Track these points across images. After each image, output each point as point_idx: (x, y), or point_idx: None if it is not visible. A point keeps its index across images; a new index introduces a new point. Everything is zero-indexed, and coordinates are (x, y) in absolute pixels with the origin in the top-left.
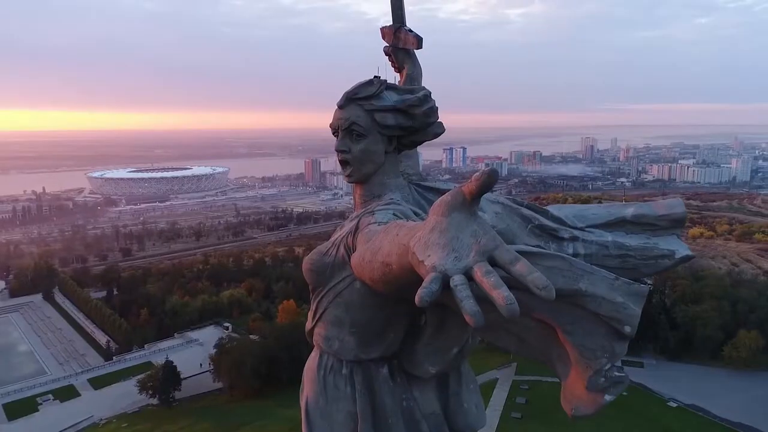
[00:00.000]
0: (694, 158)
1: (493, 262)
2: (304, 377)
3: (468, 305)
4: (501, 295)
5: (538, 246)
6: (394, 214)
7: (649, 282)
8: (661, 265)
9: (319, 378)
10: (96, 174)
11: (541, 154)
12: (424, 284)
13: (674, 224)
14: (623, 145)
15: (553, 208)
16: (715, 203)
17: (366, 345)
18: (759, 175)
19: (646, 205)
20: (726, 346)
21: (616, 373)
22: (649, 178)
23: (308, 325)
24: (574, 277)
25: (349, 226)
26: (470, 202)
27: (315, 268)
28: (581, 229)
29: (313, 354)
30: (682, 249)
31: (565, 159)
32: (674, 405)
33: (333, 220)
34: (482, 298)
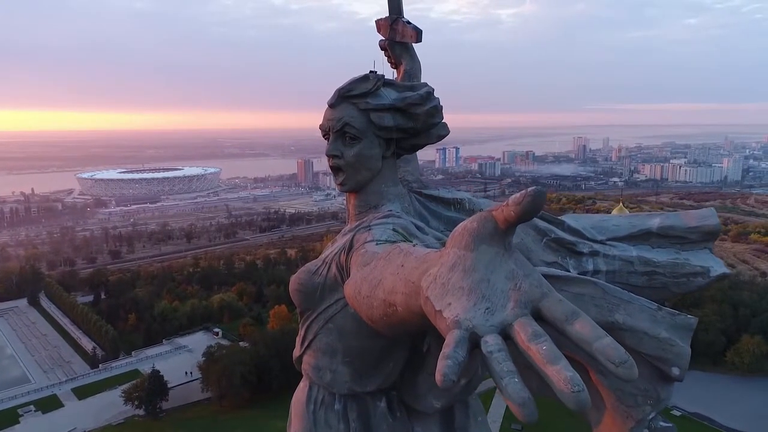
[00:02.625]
0: (685, 158)
1: (539, 316)
2: (291, 410)
3: (513, 388)
4: (562, 376)
5: (555, 263)
6: (393, 230)
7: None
8: (694, 284)
9: (308, 413)
10: (86, 175)
11: (533, 153)
12: (444, 350)
13: (706, 237)
14: (615, 145)
15: (569, 219)
16: (708, 203)
17: (361, 376)
18: (750, 174)
19: (674, 216)
20: (728, 351)
21: (662, 423)
22: (642, 177)
23: (296, 352)
24: (609, 308)
25: (341, 241)
26: (505, 232)
27: (303, 288)
28: (602, 242)
29: (301, 385)
30: (717, 266)
31: (558, 159)
32: (678, 413)
33: (326, 221)
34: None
